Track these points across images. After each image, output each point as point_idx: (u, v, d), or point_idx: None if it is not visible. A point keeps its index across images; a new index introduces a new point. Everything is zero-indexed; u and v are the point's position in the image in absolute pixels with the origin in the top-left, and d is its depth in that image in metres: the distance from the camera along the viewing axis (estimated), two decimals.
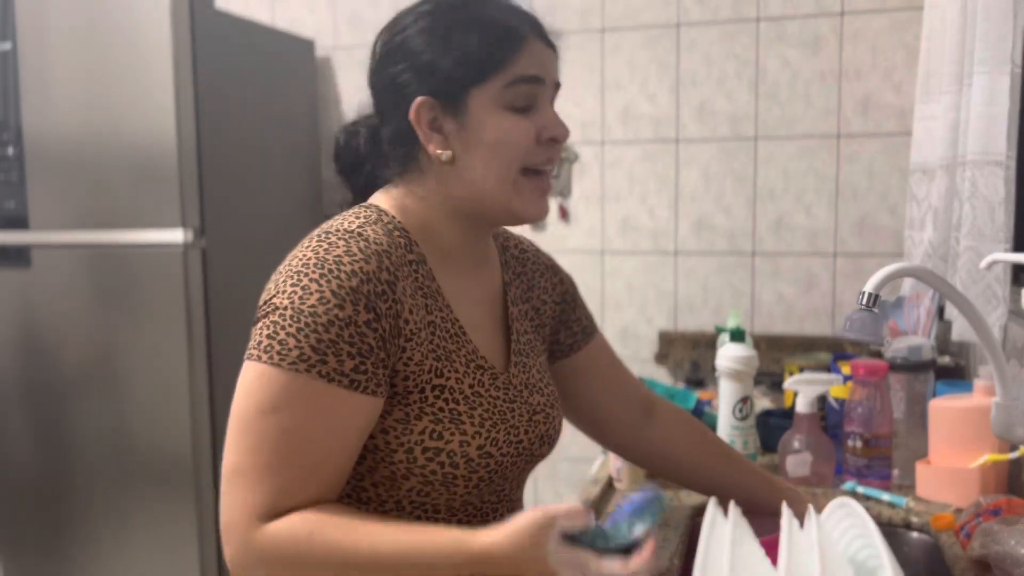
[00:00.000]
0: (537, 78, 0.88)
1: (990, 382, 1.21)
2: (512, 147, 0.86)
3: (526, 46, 0.87)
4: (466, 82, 0.85)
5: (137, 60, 2.03)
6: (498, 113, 0.86)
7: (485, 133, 0.86)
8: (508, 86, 0.86)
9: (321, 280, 0.80)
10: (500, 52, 0.85)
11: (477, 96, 0.86)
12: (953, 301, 1.04)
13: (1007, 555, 0.94)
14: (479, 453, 0.87)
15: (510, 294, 1.01)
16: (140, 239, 2.07)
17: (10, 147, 2.16)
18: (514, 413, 0.92)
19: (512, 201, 0.88)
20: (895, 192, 2.21)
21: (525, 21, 0.89)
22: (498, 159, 0.86)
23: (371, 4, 2.60)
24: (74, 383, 2.17)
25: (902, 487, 1.32)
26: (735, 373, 1.39)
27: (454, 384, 0.87)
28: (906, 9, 2.15)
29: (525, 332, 1.01)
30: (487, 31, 0.85)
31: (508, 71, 0.86)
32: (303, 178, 2.56)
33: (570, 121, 2.64)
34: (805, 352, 2.19)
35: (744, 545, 0.75)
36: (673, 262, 2.41)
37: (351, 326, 0.79)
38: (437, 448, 0.85)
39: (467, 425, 0.86)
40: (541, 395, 0.97)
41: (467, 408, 0.87)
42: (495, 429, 0.88)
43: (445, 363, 0.87)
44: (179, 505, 2.11)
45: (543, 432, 0.96)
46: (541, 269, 1.09)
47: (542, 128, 0.88)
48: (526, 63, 0.87)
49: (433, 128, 0.87)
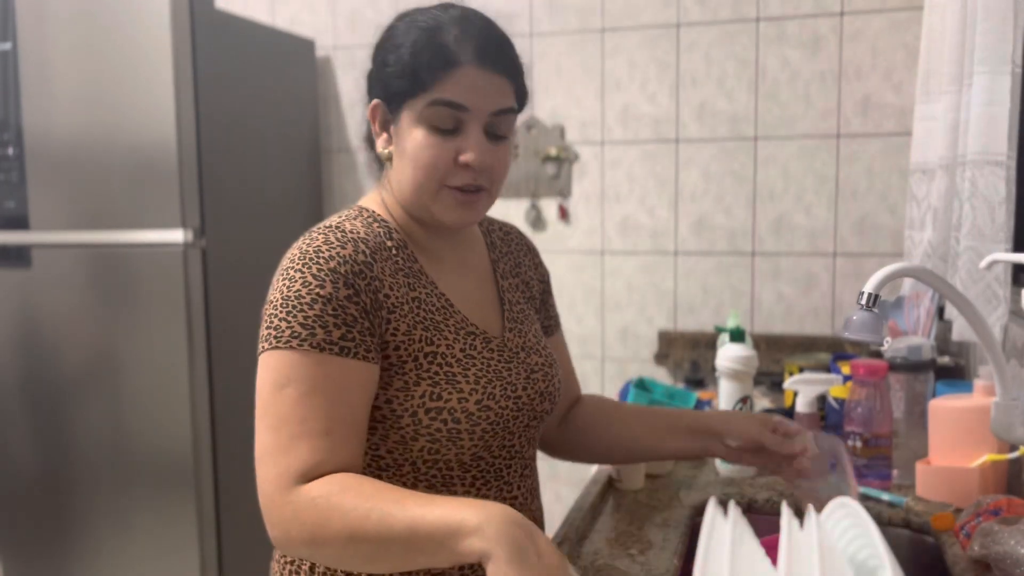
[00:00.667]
0: (458, 104, 0.91)
1: (990, 382, 1.21)
2: (425, 163, 0.92)
3: (456, 72, 0.90)
4: (400, 94, 0.93)
5: (137, 60, 2.03)
6: (418, 129, 0.92)
7: (406, 144, 0.94)
8: (429, 106, 0.91)
9: (303, 268, 0.89)
10: (426, 73, 0.91)
11: (408, 108, 0.93)
12: (953, 301, 1.04)
13: (1007, 555, 0.94)
14: (477, 407, 0.94)
15: (499, 270, 1.10)
16: (140, 239, 2.07)
17: (10, 147, 2.16)
18: (511, 372, 0.99)
19: (431, 207, 0.95)
20: (895, 192, 2.21)
21: (469, 48, 0.91)
22: (416, 171, 0.93)
23: (371, 4, 2.60)
24: (74, 383, 2.17)
25: (902, 487, 1.32)
26: (735, 373, 1.39)
27: (445, 350, 0.94)
28: (906, 9, 2.15)
29: (517, 303, 1.09)
30: (421, 51, 0.91)
31: (431, 92, 0.91)
32: (303, 178, 2.56)
33: (570, 121, 2.66)
34: (805, 352, 2.19)
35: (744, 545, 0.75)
36: (673, 262, 2.41)
37: (332, 301, 0.87)
38: (438, 408, 0.92)
39: (463, 383, 0.94)
40: (539, 356, 1.05)
41: (461, 369, 0.94)
42: (491, 385, 0.96)
43: (434, 332, 0.95)
44: (179, 505, 2.11)
45: (542, 389, 1.03)
46: (524, 250, 1.17)
47: (459, 152, 0.93)
48: (452, 88, 0.91)
49: (383, 129, 0.98)
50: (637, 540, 1.14)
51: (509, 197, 2.53)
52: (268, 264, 1.01)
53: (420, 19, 0.95)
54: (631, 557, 1.09)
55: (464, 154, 0.92)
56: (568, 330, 2.51)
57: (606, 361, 2.50)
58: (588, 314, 2.50)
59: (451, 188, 0.94)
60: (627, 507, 1.27)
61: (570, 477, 2.51)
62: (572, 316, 2.51)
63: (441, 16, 0.94)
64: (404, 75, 0.92)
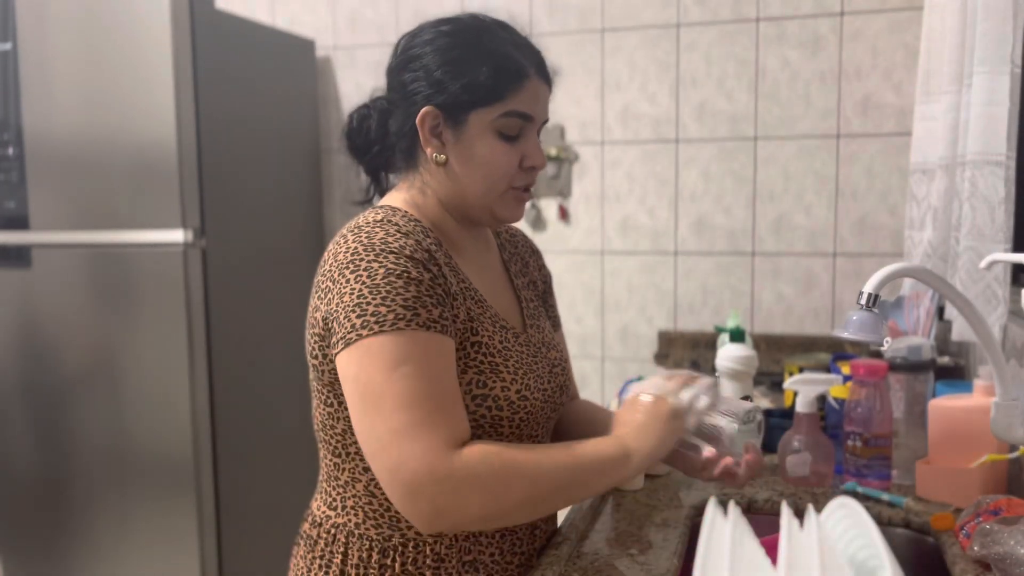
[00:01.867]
0: (528, 116, 1.00)
1: (990, 382, 1.21)
2: (498, 168, 0.99)
3: (527, 84, 0.99)
4: (470, 105, 0.97)
5: (137, 60, 2.03)
6: (490, 136, 0.98)
7: (476, 150, 0.98)
8: (503, 116, 0.98)
9: (379, 258, 0.90)
10: (503, 86, 0.97)
11: (476, 117, 0.98)
12: (953, 301, 1.04)
13: (1007, 555, 0.94)
14: (518, 396, 0.98)
15: (511, 269, 1.14)
16: (140, 239, 2.07)
17: (10, 147, 2.16)
18: (538, 365, 1.04)
19: (495, 207, 1.02)
20: (895, 192, 2.21)
21: (532, 60, 1.01)
22: (486, 175, 0.99)
23: (371, 4, 2.60)
24: (74, 383, 2.17)
25: (902, 487, 1.31)
26: (735, 373, 1.39)
27: (487, 340, 0.98)
28: (906, 9, 2.15)
29: (531, 300, 1.14)
30: (496, 64, 0.97)
31: (507, 103, 0.97)
32: (303, 178, 2.56)
33: (570, 121, 2.66)
34: (805, 352, 2.19)
35: (744, 545, 0.75)
36: (673, 262, 2.41)
37: (422, 284, 0.90)
38: (484, 395, 0.96)
39: (504, 373, 0.98)
40: (556, 351, 1.11)
41: (502, 360, 0.99)
42: (526, 377, 1.01)
43: (477, 323, 0.98)
44: (179, 505, 2.11)
45: (561, 383, 1.09)
46: (529, 251, 1.22)
47: (525, 156, 1.00)
48: (523, 100, 0.98)
49: (433, 134, 0.99)
50: (637, 540, 1.14)
51: None
52: (268, 264, 1.02)
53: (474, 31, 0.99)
54: (631, 557, 1.09)
55: (529, 159, 1.01)
56: (568, 330, 2.51)
57: (606, 361, 2.50)
58: (588, 314, 2.50)
59: (515, 189, 1.02)
60: (627, 507, 1.27)
61: None
62: (572, 316, 2.51)
63: (496, 29, 1.01)
64: (478, 87, 0.96)
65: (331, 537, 1.01)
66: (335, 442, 1.00)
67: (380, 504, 0.98)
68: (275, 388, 2.37)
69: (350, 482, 1.00)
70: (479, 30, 1.00)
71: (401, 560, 0.98)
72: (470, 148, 0.98)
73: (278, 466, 2.38)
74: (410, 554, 0.98)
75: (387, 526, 0.98)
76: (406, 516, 0.86)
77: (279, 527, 2.19)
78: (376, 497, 0.98)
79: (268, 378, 2.34)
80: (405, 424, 0.84)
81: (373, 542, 0.98)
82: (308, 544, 1.04)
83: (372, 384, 0.86)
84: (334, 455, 1.00)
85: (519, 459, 0.87)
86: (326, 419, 1.00)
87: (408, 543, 0.98)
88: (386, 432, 0.85)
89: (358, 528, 0.99)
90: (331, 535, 1.01)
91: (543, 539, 1.11)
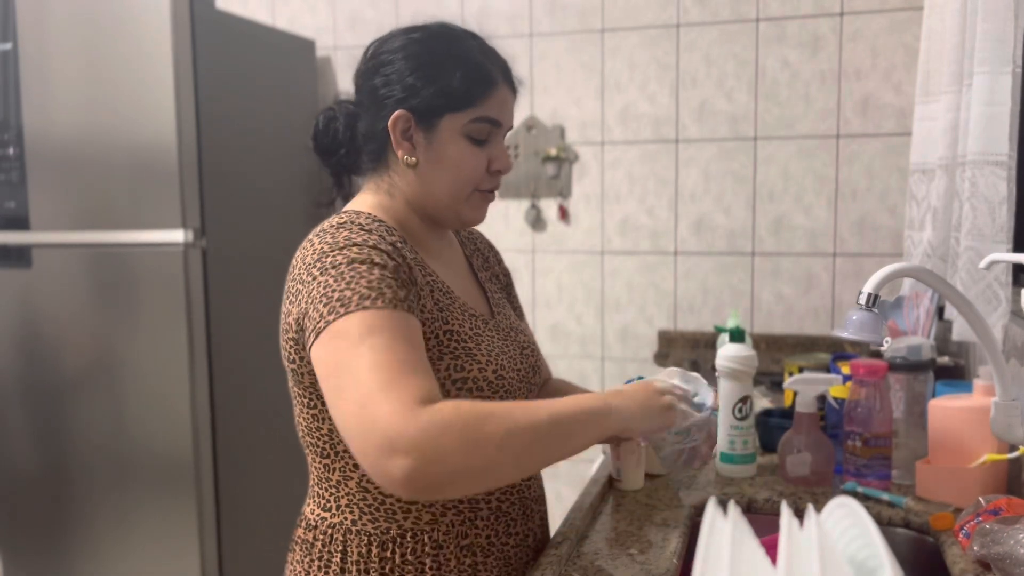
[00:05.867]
0: (497, 121, 1.04)
1: (990, 382, 1.21)
2: (467, 171, 1.03)
3: (496, 91, 1.03)
4: (442, 109, 1.01)
5: (137, 60, 2.03)
6: (460, 140, 1.02)
7: (447, 153, 1.02)
8: (473, 121, 1.02)
9: (343, 251, 0.92)
10: (474, 92, 1.01)
11: (447, 122, 1.01)
12: (953, 301, 1.04)
13: (1007, 555, 0.94)
14: (495, 376, 1.02)
15: (474, 264, 1.19)
16: (140, 239, 2.07)
17: (10, 147, 2.16)
18: (509, 347, 1.08)
19: (461, 209, 1.06)
20: (895, 192, 2.21)
21: (500, 68, 1.05)
22: (455, 178, 1.03)
23: (371, 4, 2.60)
24: (74, 383, 2.17)
25: (902, 487, 1.31)
26: (735, 373, 1.39)
27: (458, 328, 1.01)
28: (906, 9, 2.16)
29: (495, 291, 1.19)
30: (468, 71, 1.01)
31: (477, 109, 1.01)
32: (303, 178, 2.56)
33: (570, 121, 2.65)
34: (805, 352, 2.19)
35: (744, 545, 0.75)
36: (673, 262, 2.41)
37: (386, 268, 0.91)
38: (463, 378, 0.98)
39: (479, 356, 1.01)
40: (523, 335, 1.15)
41: (475, 344, 1.01)
42: (500, 358, 1.04)
43: (447, 313, 1.01)
44: (179, 505, 2.11)
45: (533, 364, 1.13)
46: (487, 247, 1.26)
47: (492, 160, 1.05)
48: (492, 106, 1.03)
49: (405, 137, 1.02)
50: (637, 540, 1.14)
51: (509, 197, 2.53)
52: (268, 264, 1.02)
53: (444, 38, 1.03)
54: (631, 557, 1.09)
55: (496, 162, 1.05)
56: (568, 330, 2.51)
57: (606, 361, 2.50)
58: (588, 314, 2.50)
59: (480, 191, 1.06)
60: (627, 507, 1.27)
61: (570, 477, 2.51)
62: (572, 316, 2.51)
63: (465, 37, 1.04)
64: (451, 93, 1.00)
65: (328, 538, 1.01)
66: (322, 443, 1.00)
67: (375, 498, 0.99)
68: (275, 388, 2.36)
69: (342, 481, 1.00)
70: (450, 38, 1.04)
71: (401, 551, 0.99)
72: (441, 151, 1.02)
73: (278, 466, 2.38)
74: (409, 544, 0.99)
75: (384, 519, 0.99)
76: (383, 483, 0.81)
77: (279, 527, 2.19)
78: (370, 492, 0.99)
79: (268, 378, 2.34)
80: (372, 389, 0.81)
81: (372, 537, 0.99)
82: (304, 548, 1.03)
83: (341, 361, 0.85)
84: (323, 457, 1.01)
85: (494, 408, 0.85)
86: (310, 422, 1.00)
87: (406, 533, 0.99)
88: (355, 402, 0.82)
89: (355, 525, 1.00)
90: (328, 536, 1.01)
91: (538, 521, 1.13)
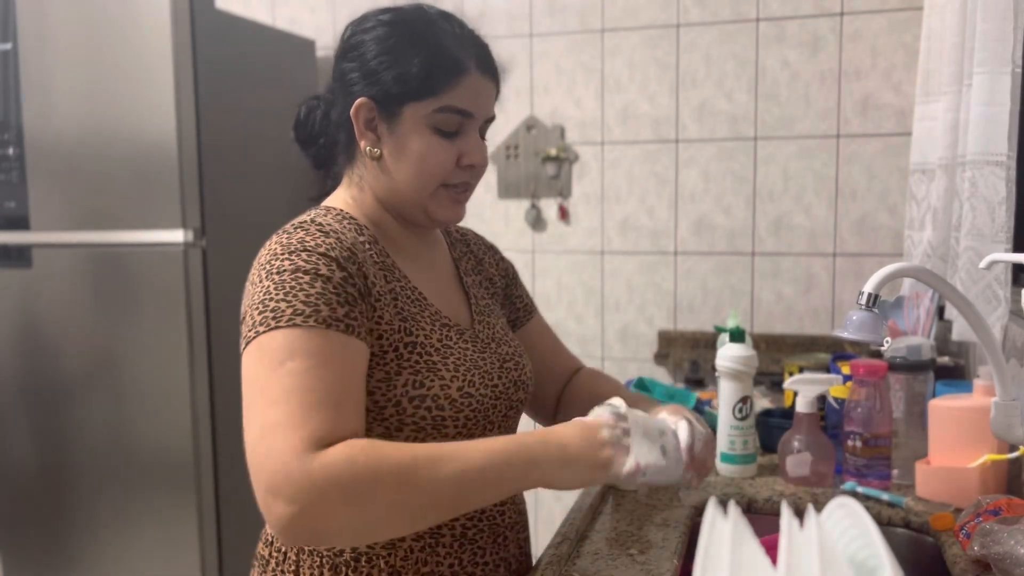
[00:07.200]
0: (466, 112, 0.95)
1: (990, 382, 1.21)
2: (432, 166, 0.95)
3: (464, 80, 0.94)
4: (402, 97, 0.93)
5: (137, 60, 2.03)
6: (425, 131, 0.94)
7: (410, 145, 0.95)
8: (438, 111, 0.94)
9: (292, 256, 0.87)
10: (438, 80, 0.93)
11: (410, 111, 0.94)
12: (953, 301, 1.04)
13: (1007, 555, 0.94)
14: (460, 394, 0.94)
15: (461, 267, 1.11)
16: (140, 239, 2.07)
17: (10, 147, 2.16)
18: (485, 361, 1.00)
19: (427, 206, 0.98)
20: (895, 192, 2.21)
21: (472, 54, 0.95)
22: (419, 172, 0.95)
23: (371, 4, 2.60)
24: (74, 383, 2.17)
25: (902, 487, 1.32)
26: (735, 373, 1.39)
27: (423, 340, 0.94)
28: (906, 9, 2.16)
29: (483, 297, 1.11)
30: (431, 57, 0.93)
31: (440, 98, 0.93)
32: (303, 179, 2.56)
33: (570, 121, 2.65)
34: (805, 352, 2.19)
35: (744, 545, 0.75)
36: (673, 262, 2.41)
37: (330, 281, 0.86)
38: (422, 395, 0.91)
39: (443, 371, 0.93)
40: (508, 346, 1.06)
41: (440, 358, 0.94)
42: (470, 373, 0.96)
43: (412, 323, 0.94)
44: (179, 505, 2.11)
45: (516, 378, 1.04)
46: (484, 248, 1.19)
47: (463, 154, 0.97)
48: (460, 95, 0.94)
49: (368, 127, 0.96)
50: (637, 540, 1.14)
51: (509, 197, 2.53)
52: None
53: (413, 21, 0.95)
54: (631, 557, 1.09)
55: (467, 156, 0.97)
56: (568, 330, 2.51)
57: (606, 361, 2.50)
58: (588, 314, 2.50)
59: (447, 187, 0.98)
60: (627, 507, 1.27)
61: None
62: (572, 316, 2.51)
63: (438, 20, 0.96)
64: (410, 79, 0.92)
65: (282, 556, 0.97)
66: None
67: None
68: None
69: None
70: (418, 21, 0.95)
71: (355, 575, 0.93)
72: (403, 142, 0.95)
73: None
74: (363, 569, 0.93)
75: None
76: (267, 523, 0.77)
77: None
78: None
79: None
80: (273, 421, 0.77)
81: (324, 558, 0.94)
82: (261, 565, 1.00)
83: (258, 380, 0.80)
84: None
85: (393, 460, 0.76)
86: None
87: (360, 558, 0.93)
88: (257, 428, 0.78)
89: None
90: (282, 554, 0.97)
91: (514, 549, 1.05)
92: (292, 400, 0.78)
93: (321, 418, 0.78)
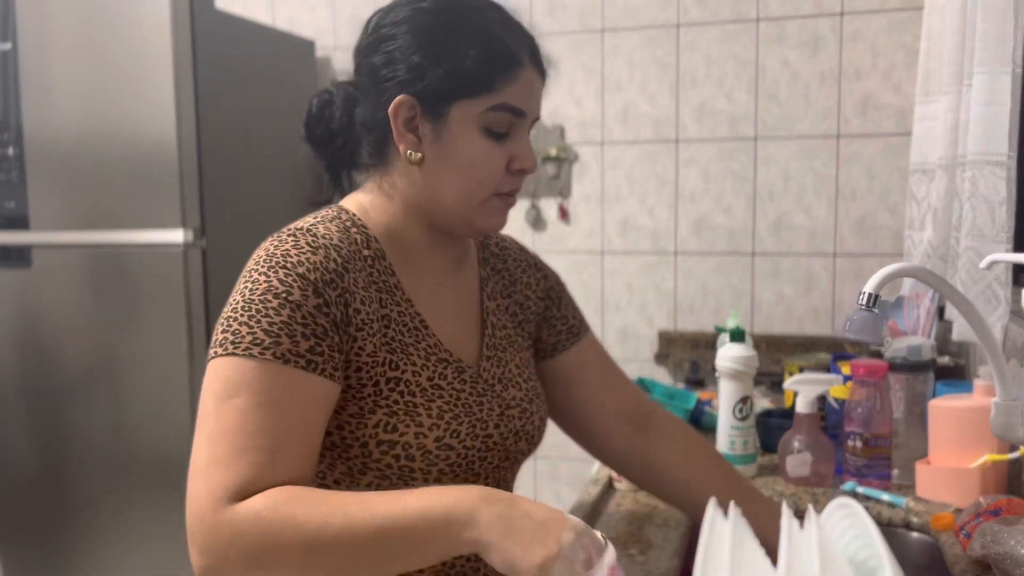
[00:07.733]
0: (520, 111, 0.86)
1: (990, 382, 1.21)
2: (483, 172, 0.86)
3: (520, 74, 0.85)
4: (453, 95, 0.84)
5: (137, 60, 2.03)
6: (475, 132, 0.85)
7: (459, 148, 0.85)
8: (491, 109, 0.84)
9: (269, 272, 0.81)
10: (493, 74, 0.83)
11: (459, 110, 0.84)
12: (953, 301, 1.04)
13: (1007, 555, 0.94)
14: (437, 445, 0.84)
15: (486, 289, 0.99)
16: (140, 239, 2.07)
17: (10, 147, 2.16)
18: (482, 407, 0.90)
19: (474, 215, 0.88)
20: (895, 192, 2.21)
21: (525, 45, 0.86)
22: (468, 179, 0.86)
23: (371, 4, 2.59)
24: (74, 383, 2.17)
25: (902, 487, 1.32)
26: (735, 373, 1.39)
27: (410, 377, 0.85)
28: (906, 9, 2.15)
29: (503, 327, 0.99)
30: (486, 49, 0.83)
31: (496, 95, 0.84)
32: (303, 179, 2.56)
33: (570, 121, 2.65)
34: (805, 352, 2.19)
35: (744, 545, 0.75)
36: (673, 262, 2.41)
37: (301, 309, 0.79)
38: (392, 441, 0.83)
39: (423, 417, 0.84)
40: (518, 390, 0.95)
41: (424, 400, 0.85)
42: (456, 421, 0.86)
43: (401, 356, 0.85)
44: (179, 505, 2.09)
45: (518, 427, 0.93)
46: (523, 266, 1.06)
47: (514, 158, 0.87)
48: (515, 92, 0.85)
49: (408, 128, 0.86)
50: (637, 540, 1.14)
51: None
52: None
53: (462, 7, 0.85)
54: (631, 557, 1.09)
55: (518, 160, 0.87)
56: None
57: None
58: (588, 314, 2.49)
59: (499, 195, 0.88)
60: (627, 507, 1.27)
61: (570, 477, 2.51)
62: None
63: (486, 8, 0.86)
64: (462, 74, 0.83)
65: None
66: None
67: None
68: None
69: None
70: (466, 8, 0.85)
71: None
72: (451, 146, 0.85)
73: None
74: None
75: None
76: None
77: None
78: None
79: None
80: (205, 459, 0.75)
81: None
82: None
83: (205, 410, 0.77)
84: None
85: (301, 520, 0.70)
86: None
87: None
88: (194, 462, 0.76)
89: None
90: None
91: None
92: (225, 441, 0.75)
93: (249, 463, 0.74)
